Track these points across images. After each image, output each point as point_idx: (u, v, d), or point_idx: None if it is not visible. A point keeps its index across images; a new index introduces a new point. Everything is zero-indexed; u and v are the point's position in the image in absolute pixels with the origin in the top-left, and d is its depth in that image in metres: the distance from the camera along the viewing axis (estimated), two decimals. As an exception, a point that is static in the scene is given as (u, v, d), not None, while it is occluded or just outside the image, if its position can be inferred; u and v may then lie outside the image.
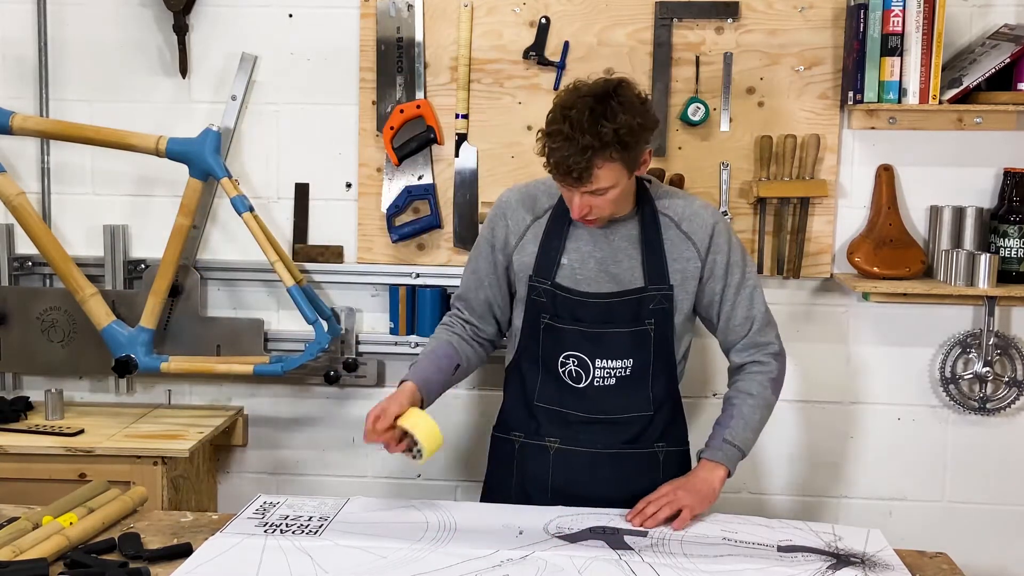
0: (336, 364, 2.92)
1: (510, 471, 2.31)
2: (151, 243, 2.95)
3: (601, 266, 2.21)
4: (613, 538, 1.95)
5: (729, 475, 2.17)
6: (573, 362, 2.22)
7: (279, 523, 1.99)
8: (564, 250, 2.21)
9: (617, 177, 2.06)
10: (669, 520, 2.04)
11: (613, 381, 2.22)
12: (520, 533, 1.95)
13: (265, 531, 1.95)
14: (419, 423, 2.03)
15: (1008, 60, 2.66)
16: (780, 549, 1.93)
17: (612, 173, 2.05)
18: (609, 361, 2.21)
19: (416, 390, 2.12)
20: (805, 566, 1.84)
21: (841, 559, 1.88)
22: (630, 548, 1.90)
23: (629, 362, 2.22)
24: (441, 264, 2.90)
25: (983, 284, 2.70)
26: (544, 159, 2.06)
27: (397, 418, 2.04)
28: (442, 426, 2.68)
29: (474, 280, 2.32)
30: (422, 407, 2.12)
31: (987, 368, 2.86)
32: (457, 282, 2.46)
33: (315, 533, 1.94)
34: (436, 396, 2.21)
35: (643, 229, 2.20)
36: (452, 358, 2.25)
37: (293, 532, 1.94)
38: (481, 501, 2.36)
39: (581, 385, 2.23)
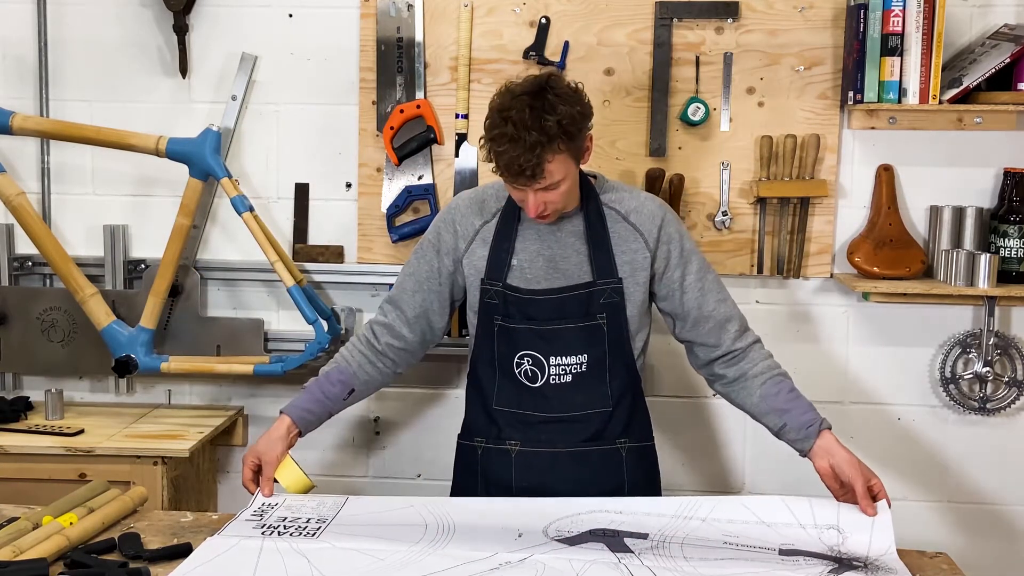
0: (336, 364, 2.92)
1: (474, 478, 2.30)
2: (151, 243, 2.96)
3: (550, 263, 2.22)
4: (613, 541, 1.94)
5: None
6: (528, 361, 2.22)
7: (277, 525, 1.98)
8: (513, 251, 2.23)
9: (567, 168, 2.08)
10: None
11: (569, 378, 2.22)
12: (519, 535, 1.94)
13: (263, 533, 1.94)
14: (291, 481, 2.18)
15: (1008, 60, 2.65)
16: (782, 552, 1.92)
17: (562, 165, 2.07)
18: (563, 358, 2.21)
19: (291, 425, 2.22)
20: (807, 570, 1.83)
21: (843, 563, 1.87)
22: (630, 551, 1.89)
23: (584, 357, 2.22)
24: (441, 264, 2.90)
25: (983, 284, 2.70)
26: (492, 165, 2.07)
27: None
28: (442, 427, 2.66)
29: (411, 283, 2.30)
30: (301, 435, 2.25)
31: (987, 368, 2.86)
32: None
33: (313, 535, 1.93)
34: (316, 426, 2.29)
35: (588, 224, 2.22)
36: (346, 384, 2.28)
37: (291, 534, 1.93)
38: None
39: (537, 384, 2.22)
